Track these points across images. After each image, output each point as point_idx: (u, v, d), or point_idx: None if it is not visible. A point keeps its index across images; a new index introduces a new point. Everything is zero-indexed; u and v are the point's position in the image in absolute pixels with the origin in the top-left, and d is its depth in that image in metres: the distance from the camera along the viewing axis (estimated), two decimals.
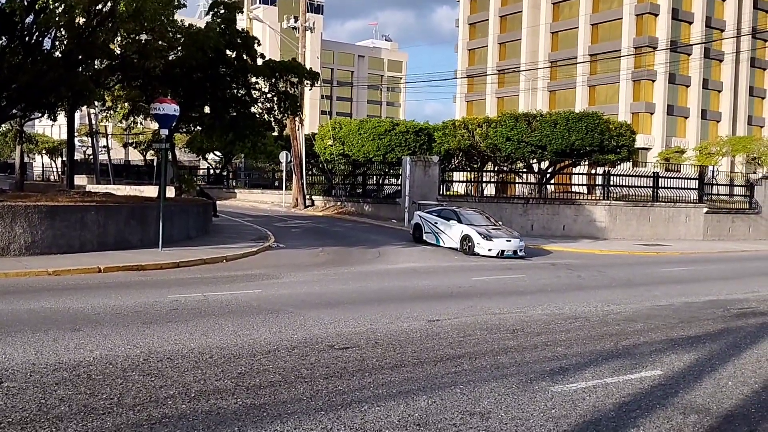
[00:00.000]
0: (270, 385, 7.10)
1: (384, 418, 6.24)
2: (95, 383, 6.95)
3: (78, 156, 70.53)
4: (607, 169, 34.62)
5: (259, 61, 25.15)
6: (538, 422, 6.31)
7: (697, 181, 35.48)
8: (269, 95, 25.72)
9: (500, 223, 25.65)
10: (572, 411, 6.65)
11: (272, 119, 26.19)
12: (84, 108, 34.78)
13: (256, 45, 24.64)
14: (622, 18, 69.37)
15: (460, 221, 24.02)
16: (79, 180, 52.86)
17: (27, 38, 17.85)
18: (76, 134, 63.35)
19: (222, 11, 23.42)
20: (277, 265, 18.25)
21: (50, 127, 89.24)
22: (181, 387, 6.93)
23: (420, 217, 26.10)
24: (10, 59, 17.67)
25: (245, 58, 24.19)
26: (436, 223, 25.00)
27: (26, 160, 69.37)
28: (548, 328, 10.71)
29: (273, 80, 25.16)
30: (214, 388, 6.93)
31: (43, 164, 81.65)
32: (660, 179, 34.56)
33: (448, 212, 25.16)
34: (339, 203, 41.53)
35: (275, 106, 25.91)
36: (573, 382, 7.63)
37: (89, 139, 61.38)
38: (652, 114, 69.18)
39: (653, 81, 68.70)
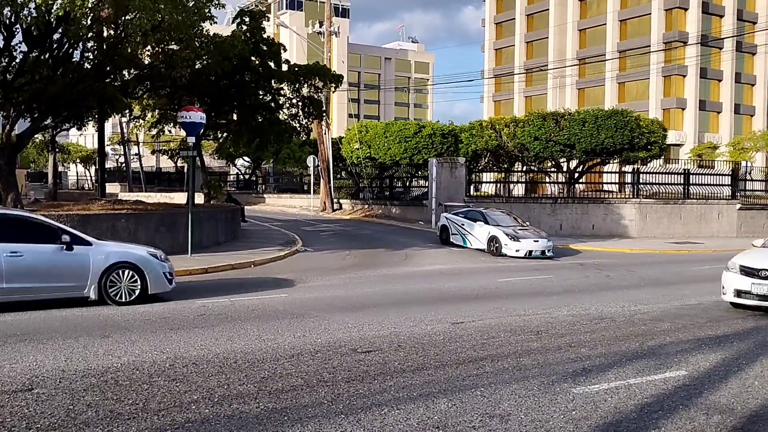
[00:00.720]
0: (292, 389, 7.19)
1: (403, 421, 6.29)
2: (122, 389, 7.10)
3: (111, 164, 71.84)
4: (636, 167, 34.23)
5: (284, 67, 25.39)
6: (557, 424, 6.30)
7: (730, 177, 34.90)
8: (294, 100, 25.95)
9: (528, 223, 25.54)
10: (593, 412, 6.62)
11: (297, 124, 26.41)
12: (115, 116, 35.41)
13: (281, 51, 24.88)
14: (650, 13, 68.45)
15: (486, 222, 23.95)
16: (112, 188, 53.83)
17: (57, 51, 18.25)
18: (108, 143, 64.57)
19: (247, 20, 23.70)
20: (304, 269, 18.40)
21: (83, 137, 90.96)
22: (205, 392, 7.05)
23: (446, 218, 26.07)
24: (41, 71, 18.09)
25: (270, 64, 24.45)
26: (462, 224, 24.95)
27: (61, 169, 70.79)
28: (573, 329, 10.65)
29: (297, 85, 25.39)
30: (237, 393, 7.03)
31: (77, 173, 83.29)
32: (691, 176, 34.09)
33: (474, 213, 25.10)
34: (366, 206, 41.65)
35: (300, 111, 26.13)
36: (595, 383, 7.59)
37: (121, 147, 62.40)
38: (683, 110, 68.15)
39: (684, 76, 67.68)
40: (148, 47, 20.89)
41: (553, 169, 37.33)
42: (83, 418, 6.24)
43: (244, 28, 24.10)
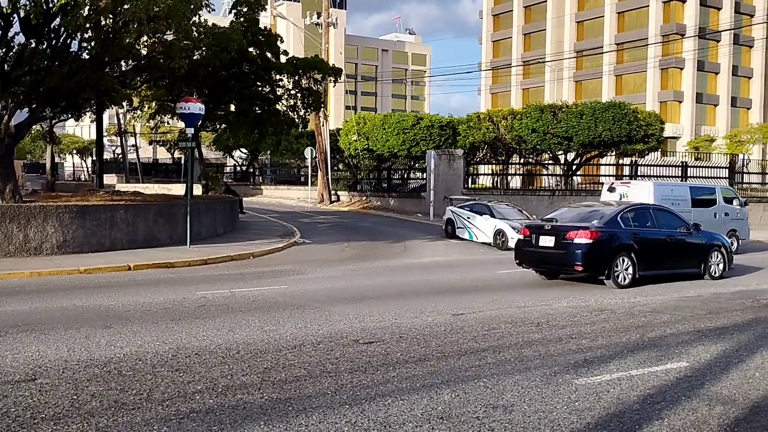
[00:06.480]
0: (295, 380, 7.19)
1: (407, 412, 6.30)
2: (125, 379, 7.10)
3: (108, 155, 71.68)
4: (634, 159, 34.27)
5: (283, 59, 25.33)
6: (561, 415, 6.32)
7: (727, 170, 34.97)
8: (292, 92, 25.91)
9: (534, 216, 25.53)
10: (596, 403, 6.64)
11: (296, 116, 26.39)
12: (113, 108, 35.32)
13: (278, 42, 24.82)
14: (648, 5, 68.47)
15: (493, 216, 23.87)
16: (109, 179, 53.67)
17: (55, 41, 18.14)
18: (105, 134, 64.45)
19: (244, 10, 23.61)
20: (303, 260, 18.40)
21: (80, 128, 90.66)
22: (208, 382, 7.05)
23: (452, 212, 25.95)
24: (38, 62, 17.99)
25: (268, 55, 24.39)
26: (468, 218, 24.87)
27: (57, 160, 70.54)
28: (574, 320, 10.68)
29: (296, 77, 25.35)
30: (241, 383, 7.04)
31: (74, 164, 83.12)
32: (689, 168, 34.14)
33: (480, 207, 25.02)
34: (364, 198, 41.65)
35: (298, 103, 26.10)
36: (597, 374, 7.61)
37: (118, 138, 62.23)
38: (680, 102, 68.25)
39: (681, 69, 67.74)
40: (145, 37, 20.79)
41: (550, 162, 37.35)
42: (88, 407, 6.24)
43: (241, 19, 24.02)
